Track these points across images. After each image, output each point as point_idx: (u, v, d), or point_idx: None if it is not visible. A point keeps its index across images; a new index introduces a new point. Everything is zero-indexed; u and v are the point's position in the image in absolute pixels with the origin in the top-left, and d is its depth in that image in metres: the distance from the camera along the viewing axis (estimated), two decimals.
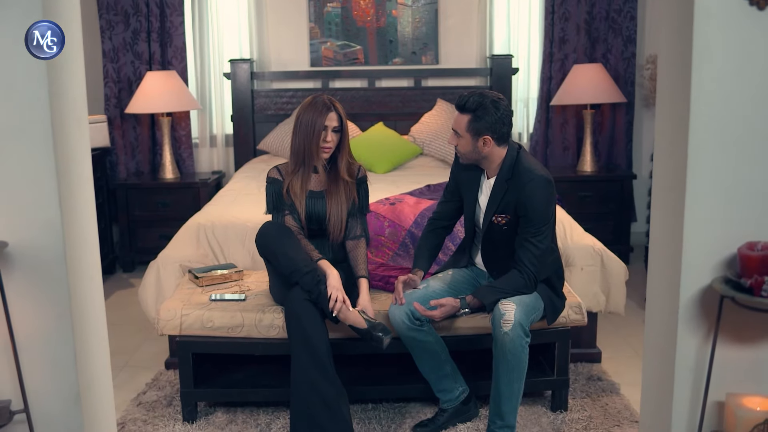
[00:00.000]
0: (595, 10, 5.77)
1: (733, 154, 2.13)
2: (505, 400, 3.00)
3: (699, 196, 2.14)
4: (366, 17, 5.89)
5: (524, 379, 3.02)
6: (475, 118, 3.02)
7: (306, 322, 3.03)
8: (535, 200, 3.01)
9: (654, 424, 2.42)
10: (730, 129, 2.12)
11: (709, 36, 2.07)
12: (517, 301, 3.00)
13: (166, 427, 3.33)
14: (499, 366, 2.99)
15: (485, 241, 3.20)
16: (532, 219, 3.02)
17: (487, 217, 3.14)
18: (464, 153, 3.12)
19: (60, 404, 2.24)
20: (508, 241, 3.11)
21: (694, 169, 2.13)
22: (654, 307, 2.42)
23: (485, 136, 3.03)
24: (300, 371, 3.00)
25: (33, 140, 2.11)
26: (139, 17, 5.72)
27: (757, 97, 2.11)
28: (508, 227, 3.10)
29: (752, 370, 2.24)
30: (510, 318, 2.93)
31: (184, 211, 5.16)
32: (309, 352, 3.00)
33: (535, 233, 3.02)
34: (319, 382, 2.98)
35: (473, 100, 3.02)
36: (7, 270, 2.14)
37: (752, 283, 1.99)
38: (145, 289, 3.86)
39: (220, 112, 6.06)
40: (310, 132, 3.23)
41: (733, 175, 2.14)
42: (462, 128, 3.06)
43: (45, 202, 2.13)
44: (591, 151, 5.69)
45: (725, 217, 2.16)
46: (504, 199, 3.08)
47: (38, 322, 2.19)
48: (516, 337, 2.93)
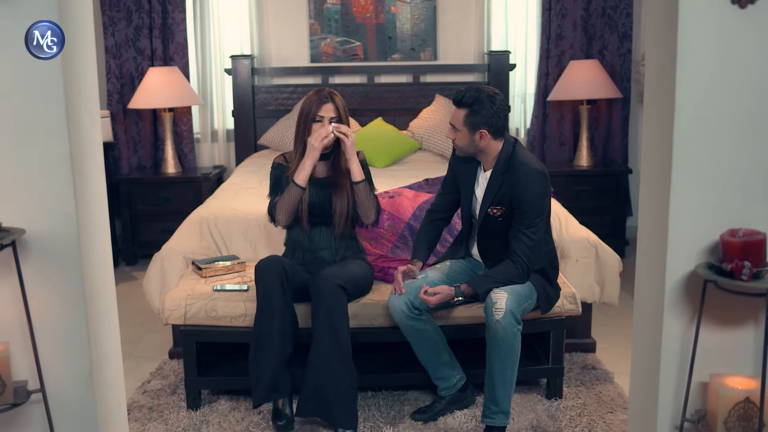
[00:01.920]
0: (592, 7, 5.81)
1: (716, 145, 2.21)
2: (498, 386, 3.05)
3: (684, 186, 2.22)
4: (365, 14, 5.93)
5: (517, 365, 3.07)
6: (471, 113, 3.08)
7: (334, 311, 3.10)
8: (529, 193, 3.07)
9: (642, 404, 2.50)
10: (714, 122, 2.20)
11: (693, 33, 2.14)
12: (509, 290, 3.06)
13: (171, 414, 3.37)
14: (492, 353, 3.05)
15: (481, 232, 3.26)
16: (527, 211, 3.08)
17: (483, 209, 3.19)
18: (461, 146, 3.17)
19: (74, 384, 2.32)
20: (504, 232, 3.17)
21: (679, 160, 2.20)
22: (642, 292, 2.50)
23: (482, 130, 3.09)
24: (321, 352, 3.08)
25: (49, 133, 2.18)
26: (141, 14, 5.76)
27: (739, 91, 2.19)
28: (503, 219, 3.16)
29: (734, 351, 2.31)
30: (501, 306, 2.99)
31: (185, 205, 5.19)
32: (333, 338, 3.07)
33: (528, 225, 3.08)
34: (336, 368, 3.06)
35: (470, 95, 3.07)
36: (24, 256, 2.22)
37: (733, 268, 2.07)
38: (149, 281, 3.91)
39: (221, 107, 6.10)
40: (303, 122, 3.32)
41: (716, 165, 2.22)
42: (459, 122, 3.11)
43: (60, 191, 2.20)
44: (587, 146, 5.73)
45: (709, 206, 2.23)
46: (499, 192, 3.13)
47: (53, 306, 2.26)
48: (507, 325, 2.99)
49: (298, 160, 3.33)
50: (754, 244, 2.09)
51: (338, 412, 3.06)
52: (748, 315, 2.29)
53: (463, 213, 3.36)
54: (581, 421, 3.28)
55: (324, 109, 3.29)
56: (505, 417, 3.09)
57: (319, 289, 3.14)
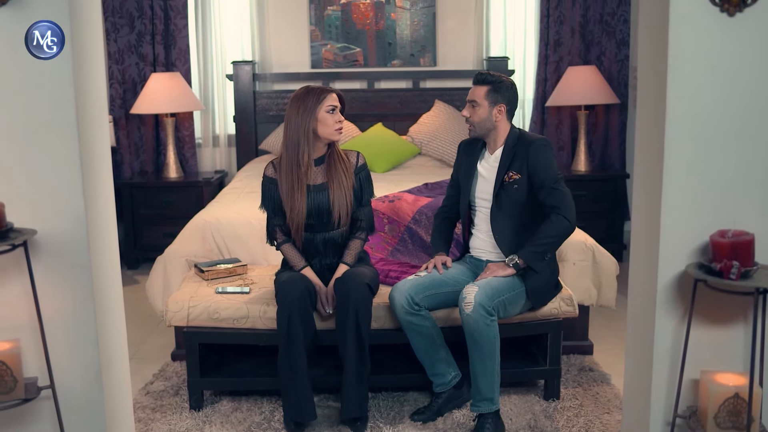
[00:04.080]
0: (590, 14, 5.84)
1: (706, 149, 2.27)
2: (480, 377, 3.13)
3: (675, 189, 2.29)
4: (365, 20, 5.96)
5: (497, 355, 3.14)
6: (494, 89, 3.29)
7: (361, 314, 3.16)
8: (541, 158, 3.24)
9: (636, 401, 2.56)
10: (703, 126, 2.26)
11: (683, 41, 2.21)
12: (483, 284, 3.15)
13: (174, 414, 3.40)
14: (470, 346, 3.14)
15: (494, 207, 3.32)
16: (546, 177, 3.22)
17: (499, 178, 3.30)
18: (479, 122, 3.31)
19: (82, 381, 2.37)
20: (518, 206, 3.27)
21: (670, 164, 2.27)
22: (635, 292, 2.55)
23: (501, 105, 3.29)
24: (350, 357, 3.18)
25: (60, 136, 2.23)
26: (143, 20, 5.79)
27: (729, 96, 2.25)
28: (519, 187, 3.26)
29: (724, 348, 2.37)
30: (470, 301, 3.08)
31: (187, 210, 5.21)
32: (359, 341, 3.18)
33: (554, 183, 3.21)
34: (357, 361, 3.17)
35: (493, 75, 3.32)
36: (35, 256, 2.27)
37: (721, 267, 2.13)
38: (152, 283, 3.94)
39: (222, 112, 6.12)
40: (307, 118, 3.22)
41: (706, 169, 2.29)
42: (481, 96, 3.29)
43: (70, 193, 2.26)
44: (585, 151, 5.75)
45: (699, 208, 2.30)
46: (514, 159, 3.28)
47: (63, 305, 2.32)
48: (478, 318, 3.07)
49: (288, 171, 3.28)
50: (742, 244, 2.16)
51: (351, 401, 3.19)
52: (738, 313, 2.35)
53: (462, 205, 3.43)
54: (578, 421, 3.31)
55: (333, 98, 3.27)
56: (490, 403, 3.16)
57: (347, 290, 3.19)
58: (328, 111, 3.24)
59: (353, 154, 3.41)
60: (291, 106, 3.27)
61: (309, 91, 3.28)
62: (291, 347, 3.14)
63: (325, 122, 3.23)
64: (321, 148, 3.32)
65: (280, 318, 3.16)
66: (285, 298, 3.16)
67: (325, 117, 3.23)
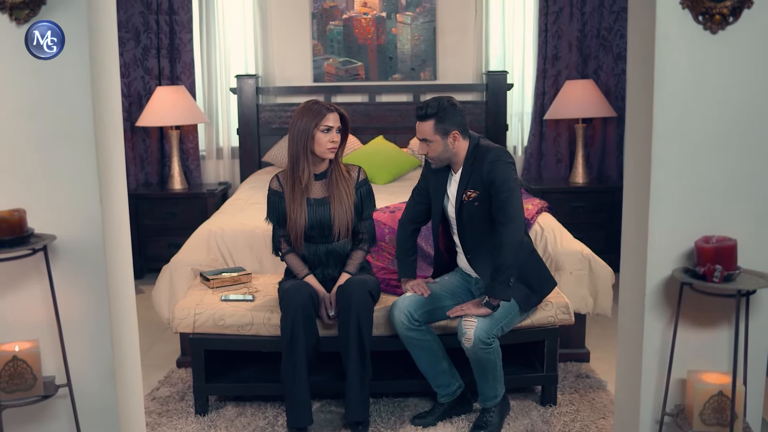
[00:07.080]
0: (587, 29, 5.89)
1: (690, 160, 2.37)
2: (483, 384, 3.27)
3: (661, 198, 2.38)
4: (367, 35, 6.01)
5: (499, 369, 3.23)
6: (439, 120, 3.19)
7: (363, 321, 3.24)
8: (493, 175, 3.15)
9: (627, 400, 2.64)
10: (688, 138, 2.36)
11: (668, 57, 2.30)
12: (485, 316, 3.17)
13: (180, 419, 3.44)
14: (473, 367, 3.25)
15: (459, 224, 3.32)
16: (499, 191, 3.13)
17: (459, 197, 3.27)
18: (437, 156, 3.26)
19: (97, 380, 2.45)
20: (481, 220, 3.25)
21: (657, 174, 2.36)
22: (626, 296, 2.64)
23: (453, 132, 3.21)
24: (352, 363, 3.25)
25: (78, 145, 2.32)
26: (149, 34, 5.83)
27: (712, 110, 2.35)
28: (479, 203, 3.23)
29: (710, 348, 2.46)
30: (470, 336, 3.13)
31: (191, 221, 5.25)
32: (360, 346, 3.24)
33: (504, 194, 3.13)
34: (359, 366, 3.24)
35: (432, 105, 3.20)
36: (54, 260, 2.36)
37: (705, 271, 2.22)
38: (158, 292, 3.99)
39: (226, 125, 6.16)
40: (304, 136, 3.29)
41: (691, 179, 2.38)
42: (430, 133, 3.21)
43: (88, 200, 2.34)
44: (583, 163, 5.79)
45: (684, 216, 2.39)
46: (471, 178, 3.23)
47: (80, 307, 2.40)
48: (478, 350, 3.14)
49: (293, 184, 3.38)
50: (725, 249, 2.25)
51: (354, 405, 3.26)
52: (722, 315, 2.44)
53: (434, 227, 3.45)
54: (574, 426, 3.36)
55: (330, 118, 3.31)
56: (495, 399, 3.29)
57: (349, 297, 3.25)
58: (323, 131, 3.31)
59: (354, 168, 3.48)
60: (292, 122, 3.35)
61: (309, 108, 3.34)
62: (293, 352, 3.21)
63: (319, 142, 3.32)
64: (322, 164, 3.40)
65: (284, 323, 3.23)
66: (289, 305, 3.23)
67: (319, 137, 3.31)
